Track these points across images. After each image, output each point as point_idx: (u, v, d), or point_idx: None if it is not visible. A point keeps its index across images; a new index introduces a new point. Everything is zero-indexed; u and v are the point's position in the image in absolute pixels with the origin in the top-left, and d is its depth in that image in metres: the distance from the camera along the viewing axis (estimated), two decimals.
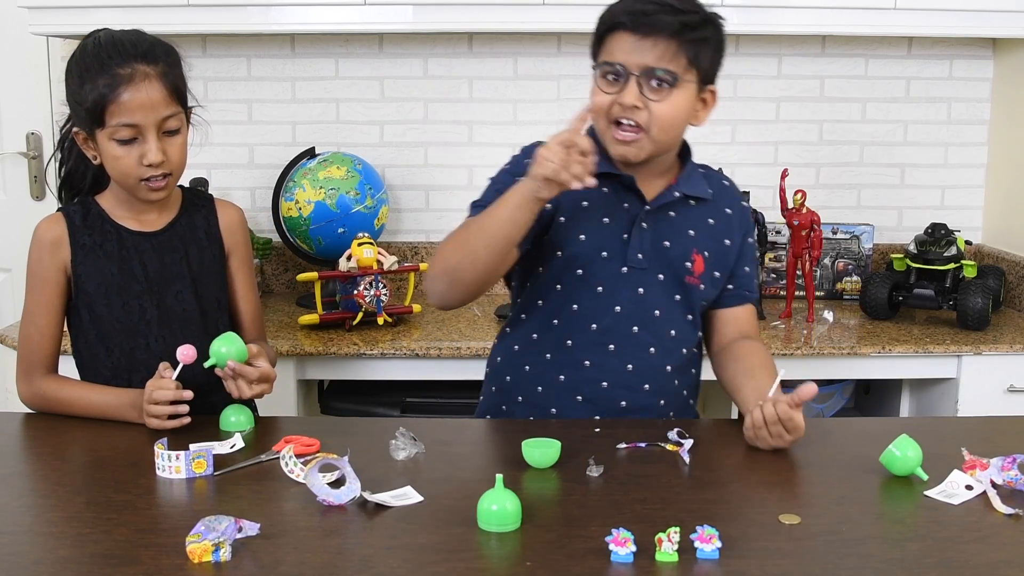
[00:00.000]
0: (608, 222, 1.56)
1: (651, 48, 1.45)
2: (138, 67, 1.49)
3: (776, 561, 1.06)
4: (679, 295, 1.58)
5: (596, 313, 1.56)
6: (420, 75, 2.73)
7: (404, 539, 1.11)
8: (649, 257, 1.55)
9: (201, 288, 1.63)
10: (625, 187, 1.57)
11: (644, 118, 1.47)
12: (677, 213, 1.58)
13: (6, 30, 2.84)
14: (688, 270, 1.57)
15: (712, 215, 1.61)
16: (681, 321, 1.59)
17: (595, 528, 1.12)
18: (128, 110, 1.48)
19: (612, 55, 1.48)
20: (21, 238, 2.94)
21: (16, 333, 2.25)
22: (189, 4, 2.37)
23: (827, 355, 2.23)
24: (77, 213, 1.61)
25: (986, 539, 1.12)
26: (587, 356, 1.56)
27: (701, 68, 1.49)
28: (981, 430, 1.56)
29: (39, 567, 1.04)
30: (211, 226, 1.67)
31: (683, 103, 1.49)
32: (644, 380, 1.57)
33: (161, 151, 1.50)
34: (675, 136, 1.55)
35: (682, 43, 1.45)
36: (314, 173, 2.46)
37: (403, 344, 2.19)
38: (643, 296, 1.56)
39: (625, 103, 1.47)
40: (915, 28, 2.50)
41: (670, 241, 1.57)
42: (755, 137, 2.76)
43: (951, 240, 2.43)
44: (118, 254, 1.59)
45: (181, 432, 1.42)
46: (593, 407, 1.57)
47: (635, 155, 1.50)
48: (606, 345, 1.55)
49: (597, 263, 1.55)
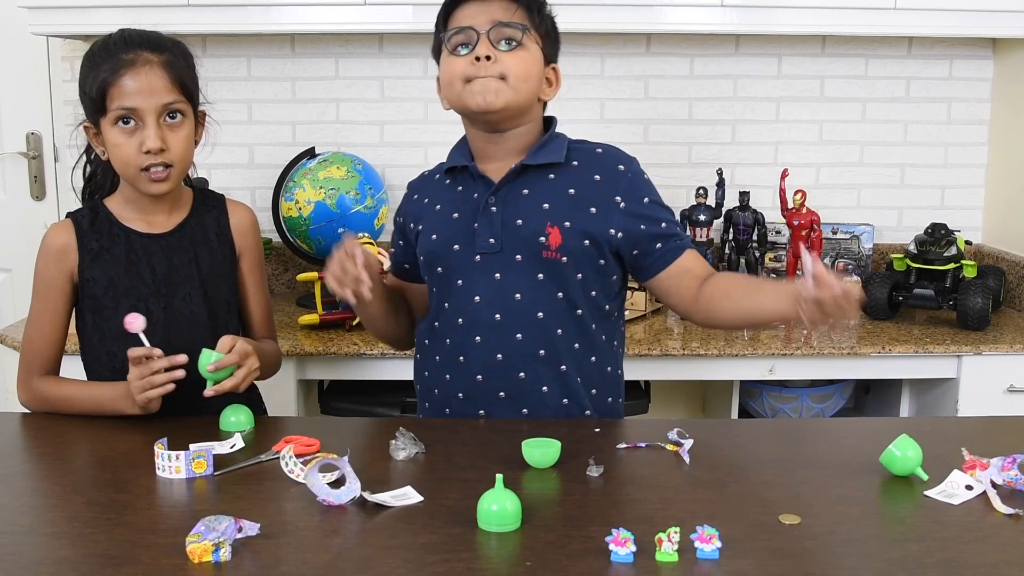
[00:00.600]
0: (457, 216, 1.57)
1: (494, 7, 1.50)
2: (141, 53, 1.50)
3: (776, 561, 1.06)
4: (542, 273, 1.52)
5: (461, 307, 1.56)
6: (420, 75, 2.73)
7: (404, 539, 1.11)
8: (501, 239, 1.53)
9: (210, 290, 1.63)
10: (474, 177, 1.58)
11: (498, 70, 1.49)
12: (531, 190, 1.54)
13: (6, 30, 2.85)
14: (543, 245, 1.51)
15: (574, 184, 1.54)
16: (550, 300, 1.53)
17: (595, 528, 1.12)
18: (127, 93, 1.48)
19: (459, 22, 1.52)
20: (21, 238, 2.97)
21: (16, 333, 2.26)
22: (189, 4, 2.37)
23: (827, 355, 2.23)
24: (85, 218, 1.61)
25: (986, 539, 1.12)
26: (460, 352, 1.56)
27: (540, 33, 1.54)
28: (981, 430, 1.56)
29: (39, 567, 1.04)
30: (222, 227, 1.66)
31: (533, 60, 1.53)
32: (517, 368, 1.54)
33: (161, 139, 1.49)
34: (530, 91, 1.53)
35: (520, 4, 1.51)
36: (314, 173, 2.46)
37: None
38: (500, 281, 1.53)
39: (480, 54, 1.49)
40: (915, 28, 2.50)
41: (523, 219, 1.53)
42: (755, 137, 2.76)
43: (951, 240, 2.43)
44: (125, 257, 1.59)
45: (181, 432, 1.42)
46: (473, 402, 1.57)
47: (495, 98, 1.49)
48: (473, 338, 1.55)
49: (451, 257, 1.56)
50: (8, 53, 2.89)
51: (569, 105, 2.72)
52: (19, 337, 2.22)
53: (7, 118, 2.96)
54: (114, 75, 1.48)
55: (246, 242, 1.69)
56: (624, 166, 1.57)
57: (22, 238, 2.96)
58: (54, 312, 1.60)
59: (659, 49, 2.71)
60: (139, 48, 1.51)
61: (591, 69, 2.70)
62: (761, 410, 2.55)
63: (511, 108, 1.51)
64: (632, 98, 2.73)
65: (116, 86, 1.48)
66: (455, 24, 1.52)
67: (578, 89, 2.70)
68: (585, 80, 2.71)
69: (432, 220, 1.60)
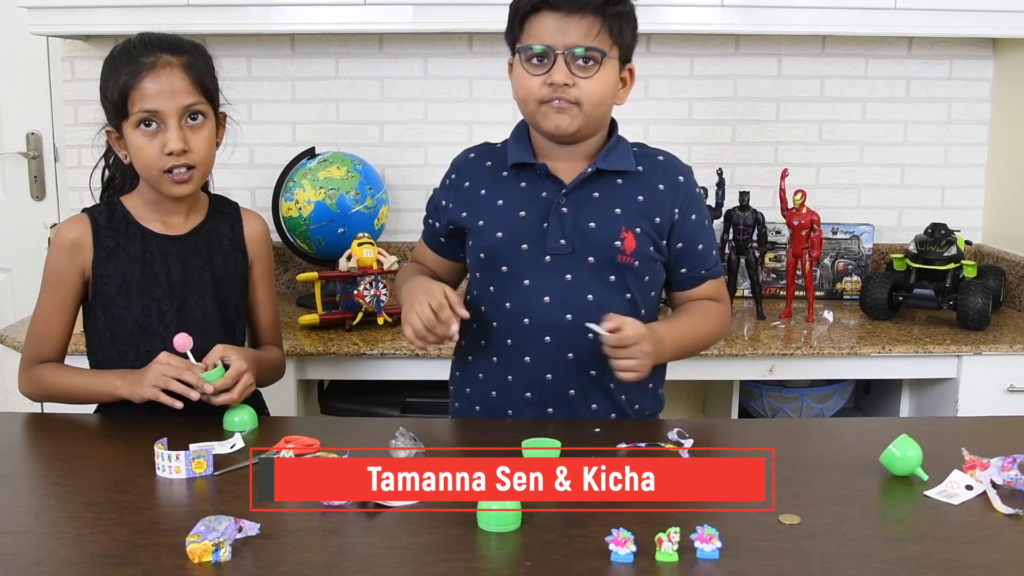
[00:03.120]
0: (525, 215, 1.56)
1: (576, 26, 1.46)
2: (161, 56, 1.51)
3: (776, 561, 1.06)
4: (613, 276, 1.55)
5: (527, 307, 1.55)
6: (420, 75, 2.73)
7: (404, 539, 1.11)
8: (573, 241, 1.53)
9: (222, 294, 1.63)
10: (542, 176, 1.57)
11: (575, 95, 1.48)
12: (601, 193, 1.55)
13: (6, 30, 2.85)
14: (619, 249, 1.53)
15: (642, 192, 1.56)
16: (620, 301, 1.55)
17: (595, 528, 1.12)
18: (149, 96, 1.49)
19: (537, 38, 1.48)
20: (21, 238, 2.97)
21: (16, 333, 2.26)
22: (189, 4, 2.37)
23: (827, 355, 2.23)
24: (102, 214, 1.60)
25: (986, 539, 1.12)
26: (526, 352, 1.55)
27: (623, 44, 1.51)
28: (981, 430, 1.56)
29: (39, 567, 1.04)
30: (236, 234, 1.67)
31: (609, 79, 1.51)
32: (588, 366, 1.55)
33: (183, 140, 1.50)
34: (604, 113, 1.55)
35: (605, 18, 1.47)
36: (314, 173, 2.46)
37: (403, 344, 2.19)
38: (572, 282, 1.54)
39: (556, 81, 1.47)
40: (915, 28, 2.50)
41: (596, 222, 1.54)
42: (755, 137, 2.76)
43: (951, 240, 2.43)
44: (141, 256, 1.59)
45: (181, 432, 1.42)
46: (542, 401, 1.56)
47: (569, 124, 1.50)
48: (542, 337, 1.55)
49: (519, 257, 1.55)
50: (8, 53, 2.89)
51: None
52: (19, 337, 2.23)
53: (7, 118, 2.96)
54: (135, 78, 1.48)
55: (259, 251, 1.70)
56: (683, 177, 1.61)
57: (22, 238, 2.96)
58: (62, 305, 1.60)
59: (659, 49, 2.71)
60: (159, 51, 1.51)
61: None
62: (761, 410, 2.55)
63: (584, 132, 1.53)
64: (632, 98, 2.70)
65: (137, 89, 1.49)
66: (533, 36, 1.49)
67: None
68: None
69: (494, 216, 1.57)
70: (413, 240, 2.77)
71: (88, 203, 2.73)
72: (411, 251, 2.75)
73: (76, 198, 2.75)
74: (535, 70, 1.49)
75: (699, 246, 1.61)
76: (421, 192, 2.77)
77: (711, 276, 1.63)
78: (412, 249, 2.74)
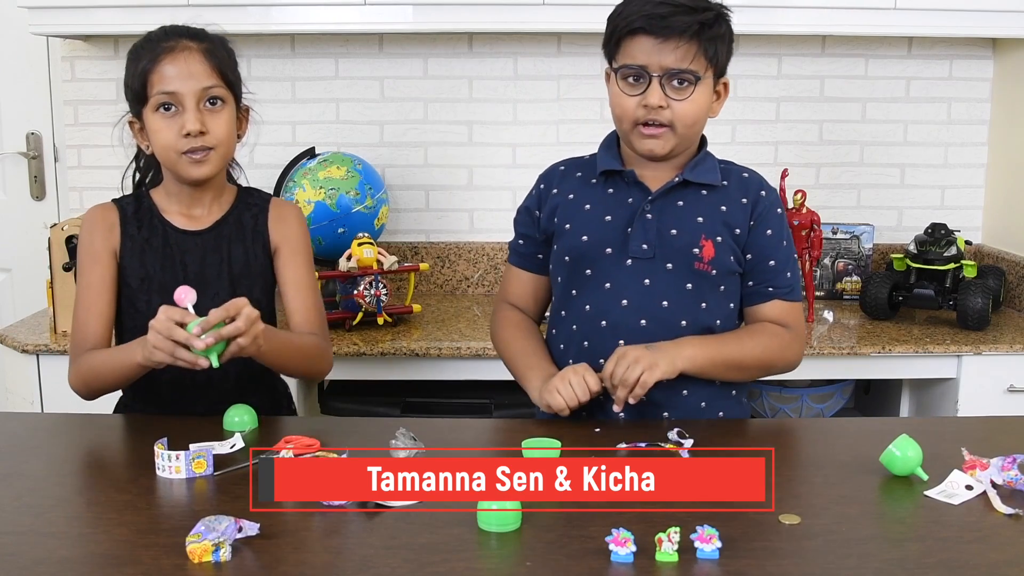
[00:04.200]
0: (610, 219, 1.58)
1: (672, 50, 1.48)
2: (181, 41, 1.52)
3: (776, 561, 1.06)
4: (690, 283, 1.56)
5: (604, 309, 1.56)
6: (420, 75, 2.73)
7: (404, 539, 1.11)
8: (655, 247, 1.55)
9: (240, 290, 1.58)
10: (629, 183, 1.59)
11: (668, 117, 1.51)
12: (685, 201, 1.58)
13: (6, 30, 2.85)
14: (697, 256, 1.55)
15: (725, 203, 1.59)
16: (694, 310, 1.57)
17: (595, 528, 1.12)
18: (167, 78, 1.49)
19: (633, 58, 1.51)
20: (21, 238, 2.97)
21: (16, 333, 2.26)
22: (189, 4, 2.37)
23: (827, 355, 2.23)
24: (130, 205, 1.61)
25: (986, 539, 1.12)
26: (601, 354, 1.55)
27: (718, 64, 1.53)
28: (981, 430, 1.56)
29: (39, 567, 1.04)
30: (259, 224, 1.64)
31: (703, 100, 1.53)
32: None
33: (200, 122, 1.50)
34: (697, 131, 1.58)
35: (701, 42, 1.49)
36: (314, 173, 2.46)
37: (403, 344, 2.19)
38: (649, 288, 1.55)
39: (651, 104, 1.50)
40: (915, 28, 2.50)
41: (677, 229, 1.56)
42: (755, 137, 2.76)
43: (951, 240, 2.43)
44: (162, 251, 1.58)
45: (181, 432, 1.42)
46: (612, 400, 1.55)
47: (662, 148, 1.54)
48: (615, 340, 1.55)
49: (602, 260, 1.57)
50: (8, 53, 2.89)
51: (571, 106, 2.73)
52: (20, 337, 2.23)
53: (7, 118, 2.96)
54: (154, 62, 1.50)
55: (282, 234, 1.64)
56: (765, 192, 1.63)
57: (22, 238, 2.96)
58: (100, 285, 1.56)
59: None
60: (179, 37, 1.52)
61: (591, 69, 2.70)
62: (761, 410, 2.55)
63: (676, 151, 1.56)
64: None
65: (156, 72, 1.50)
66: (628, 56, 1.51)
67: (578, 89, 2.71)
68: (585, 80, 2.71)
69: (581, 219, 1.59)
70: (413, 240, 2.78)
71: (88, 203, 2.74)
72: (411, 250, 2.75)
73: (76, 198, 2.75)
74: (631, 90, 1.52)
75: (770, 262, 1.60)
76: (421, 192, 2.78)
77: (780, 296, 1.61)
78: (412, 249, 2.75)
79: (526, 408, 1.73)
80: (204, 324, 1.36)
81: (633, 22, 1.49)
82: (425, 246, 2.76)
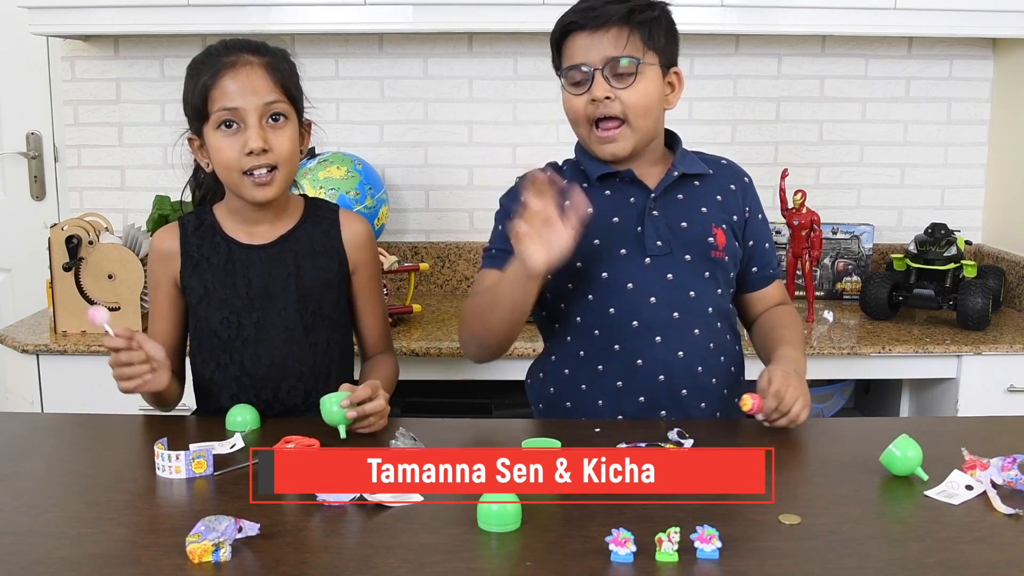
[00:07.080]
0: (618, 220, 1.58)
1: (606, 40, 1.49)
2: (242, 55, 1.48)
3: (776, 561, 1.06)
4: (708, 272, 1.58)
5: (633, 310, 1.55)
6: (420, 75, 2.73)
7: (404, 539, 1.11)
8: (669, 242, 1.56)
9: (310, 305, 1.56)
10: (627, 182, 1.59)
11: (618, 108, 1.51)
12: (685, 195, 1.60)
13: (6, 30, 2.85)
14: (712, 245, 1.58)
15: (718, 192, 1.62)
16: (715, 296, 1.60)
17: (595, 528, 1.12)
18: (228, 94, 1.46)
19: (572, 58, 1.53)
20: (21, 238, 2.97)
21: (16, 333, 2.26)
22: (189, 4, 2.37)
23: (827, 355, 2.23)
24: (191, 223, 1.58)
25: (986, 539, 1.12)
26: (637, 355, 1.55)
27: (658, 49, 1.52)
28: (981, 430, 1.56)
29: (39, 567, 1.04)
30: (331, 239, 1.60)
31: (651, 87, 1.53)
32: (696, 362, 1.56)
33: (263, 139, 1.46)
34: (653, 121, 1.56)
35: (634, 27, 1.49)
36: (314, 173, 2.46)
37: (403, 344, 2.19)
38: (674, 281, 1.56)
39: (597, 97, 1.50)
40: (915, 28, 2.50)
41: (687, 222, 1.58)
42: (755, 137, 2.76)
43: (951, 240, 2.43)
44: (223, 267, 1.55)
45: (181, 432, 1.42)
46: (656, 404, 1.56)
47: (622, 149, 1.54)
48: (652, 338, 1.55)
49: (618, 261, 1.56)
50: (8, 53, 2.89)
51: None
52: (19, 337, 2.23)
53: (7, 118, 2.96)
54: (215, 78, 1.46)
55: (361, 256, 1.62)
56: (747, 179, 1.68)
57: (22, 238, 2.96)
58: (162, 312, 1.58)
59: None
60: (240, 51, 1.48)
61: None
62: None
63: (638, 147, 1.56)
64: None
65: (217, 88, 1.46)
66: (569, 58, 1.53)
67: None
68: None
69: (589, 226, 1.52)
70: (413, 240, 2.78)
71: (88, 203, 2.74)
72: (411, 250, 2.75)
73: (76, 198, 2.75)
74: (577, 90, 1.53)
75: (766, 244, 1.68)
76: (421, 192, 2.78)
77: (777, 276, 1.70)
78: (412, 248, 2.75)
79: (526, 408, 1.73)
80: (353, 399, 1.39)
81: (566, 20, 1.52)
82: (425, 246, 2.76)
